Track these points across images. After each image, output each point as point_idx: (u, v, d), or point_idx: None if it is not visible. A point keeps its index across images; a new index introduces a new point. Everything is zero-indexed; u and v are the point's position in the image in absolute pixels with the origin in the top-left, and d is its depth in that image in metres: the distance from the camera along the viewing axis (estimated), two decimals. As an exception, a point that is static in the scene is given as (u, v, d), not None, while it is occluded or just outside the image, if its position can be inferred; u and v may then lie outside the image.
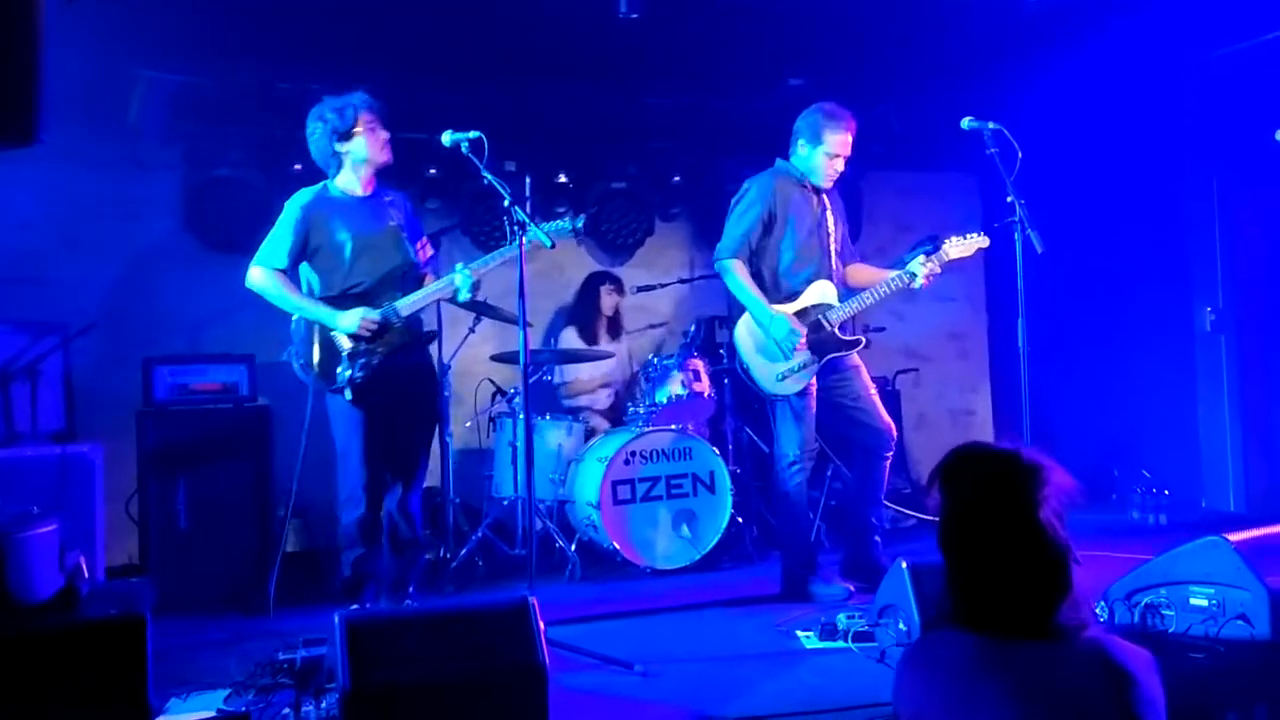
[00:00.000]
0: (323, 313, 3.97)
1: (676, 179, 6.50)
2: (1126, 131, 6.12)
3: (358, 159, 4.08)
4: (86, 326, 4.82)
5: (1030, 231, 3.93)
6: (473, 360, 5.67)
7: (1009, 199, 3.99)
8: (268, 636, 3.84)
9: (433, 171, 5.90)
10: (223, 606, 4.40)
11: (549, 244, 3.77)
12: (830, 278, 4.39)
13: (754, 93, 5.87)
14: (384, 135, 4.09)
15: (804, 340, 4.24)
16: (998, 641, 1.76)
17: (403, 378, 4.06)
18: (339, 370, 3.94)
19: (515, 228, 3.72)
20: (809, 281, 4.35)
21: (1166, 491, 5.71)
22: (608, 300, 6.11)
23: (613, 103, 5.98)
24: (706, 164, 6.42)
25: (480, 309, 4.76)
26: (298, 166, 5.64)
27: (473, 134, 3.72)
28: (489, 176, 3.66)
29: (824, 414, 4.38)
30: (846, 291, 4.42)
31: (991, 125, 4.02)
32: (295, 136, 5.46)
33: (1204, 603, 3.28)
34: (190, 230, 5.66)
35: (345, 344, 3.96)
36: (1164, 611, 3.33)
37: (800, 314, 4.31)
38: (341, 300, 4.01)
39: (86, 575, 2.59)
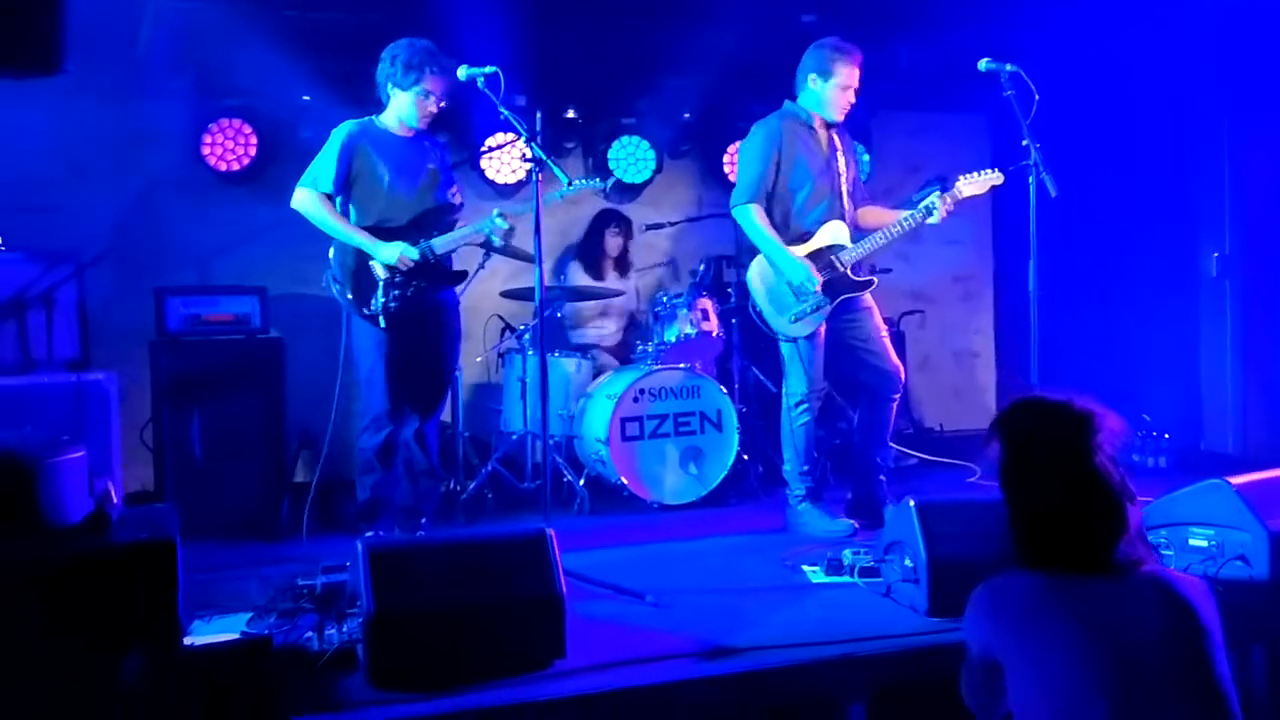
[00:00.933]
0: (365, 241, 4.06)
1: (686, 116, 6.46)
2: (1139, 72, 6.07)
3: (399, 111, 4.15)
4: (99, 255, 4.85)
5: (1045, 175, 3.93)
6: (482, 296, 5.68)
7: (1024, 142, 3.99)
8: (285, 563, 3.94)
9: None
10: (238, 534, 4.48)
11: (566, 182, 3.83)
12: (842, 218, 4.40)
13: (766, 29, 5.81)
14: (431, 109, 4.14)
15: (820, 287, 4.27)
16: (1062, 579, 1.88)
17: (431, 313, 4.19)
18: (374, 297, 4.05)
19: (534, 165, 3.72)
20: (821, 222, 4.36)
21: (1167, 435, 5.78)
22: (612, 242, 6.10)
23: (623, 38, 5.92)
24: (717, 102, 6.37)
25: (492, 246, 4.79)
26: (306, 97, 5.63)
27: (489, 69, 3.71)
28: (506, 113, 3.66)
29: (834, 354, 4.43)
30: (858, 232, 4.43)
31: (1009, 67, 4.00)
32: (302, 66, 5.47)
33: (1203, 544, 3.36)
34: (199, 160, 5.65)
35: (381, 274, 4.05)
36: (1164, 552, 3.41)
37: (814, 255, 4.33)
38: (378, 233, 4.09)
39: (116, 501, 2.65)
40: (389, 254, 4.04)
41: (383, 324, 4.06)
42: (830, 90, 4.35)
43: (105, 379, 4.46)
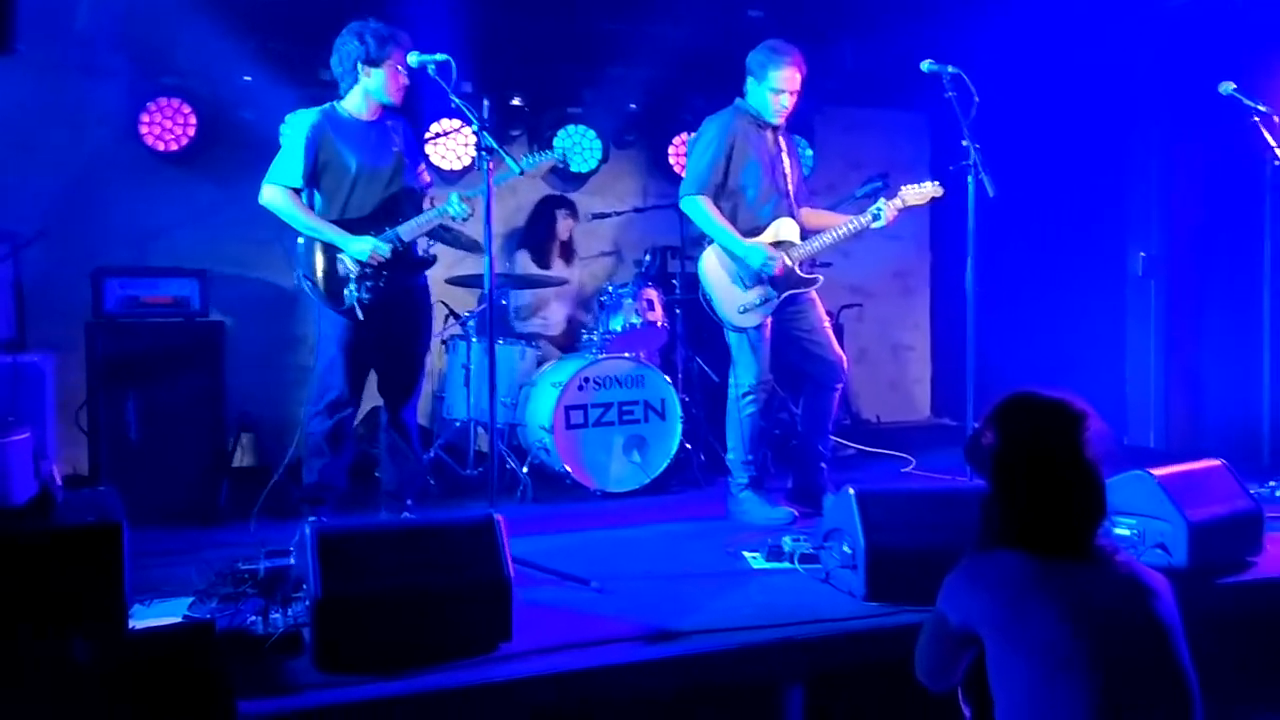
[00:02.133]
0: (335, 236, 4.02)
1: (633, 106, 6.50)
2: (1072, 78, 6.25)
3: (373, 90, 4.08)
4: (35, 235, 4.74)
5: (984, 175, 4.04)
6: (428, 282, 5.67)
7: (964, 143, 4.09)
8: (223, 548, 3.90)
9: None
10: (175, 518, 4.42)
11: (518, 170, 3.81)
12: (791, 216, 4.47)
13: (713, 23, 5.87)
14: (404, 81, 4.08)
15: (780, 266, 4.33)
16: (1044, 561, 2.03)
17: (402, 300, 4.15)
18: (347, 291, 4.01)
19: (483, 153, 3.72)
20: (771, 219, 4.42)
21: (1093, 428, 5.96)
22: (563, 225, 6.13)
23: (571, 27, 5.94)
24: (664, 93, 6.42)
25: (437, 234, 4.79)
26: (247, 78, 5.56)
27: (440, 56, 3.70)
28: (458, 101, 3.66)
29: (779, 345, 4.51)
30: (803, 232, 4.52)
31: (951, 69, 4.10)
32: (243, 46, 5.40)
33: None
34: (138, 140, 5.54)
35: (352, 267, 4.01)
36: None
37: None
38: (345, 223, 4.05)
39: (60, 483, 2.63)
40: (360, 249, 3.99)
41: (360, 317, 4.01)
42: (764, 94, 4.38)
43: (41, 360, 4.38)
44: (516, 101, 6.29)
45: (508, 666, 2.75)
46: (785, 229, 4.43)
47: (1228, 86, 4.56)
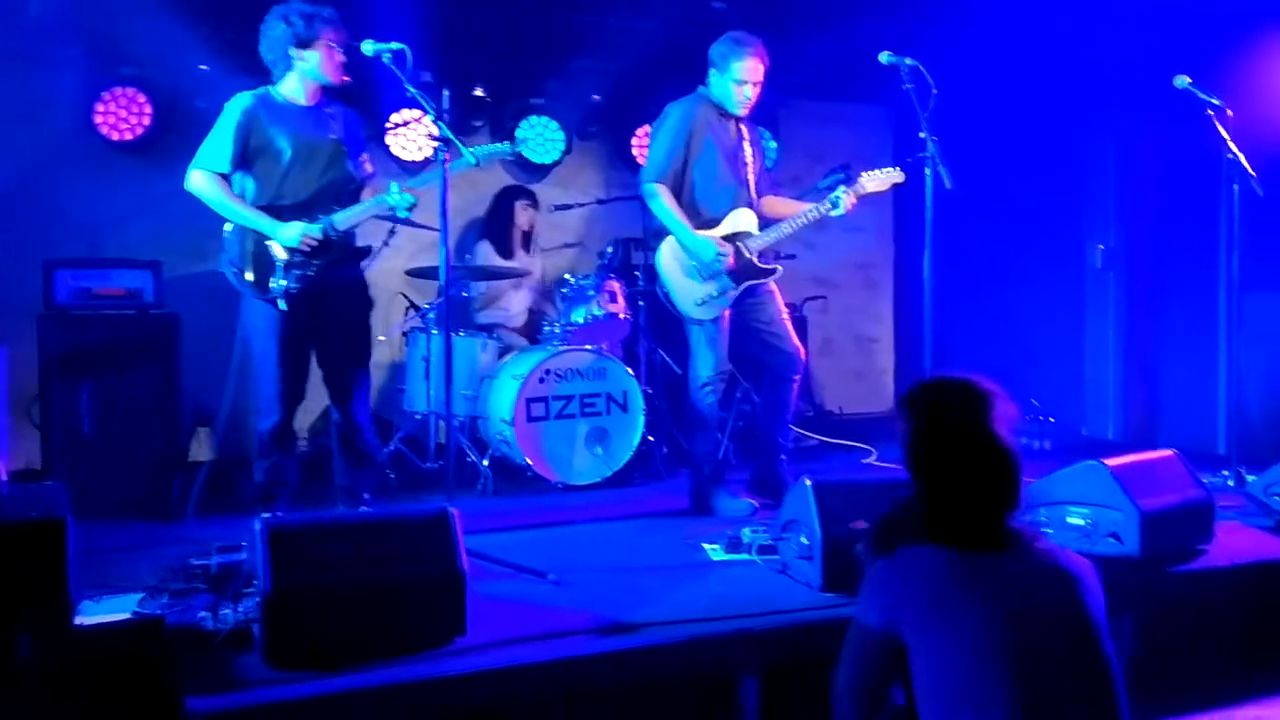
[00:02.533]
0: (264, 223, 3.89)
1: (596, 98, 6.48)
2: (1032, 72, 6.30)
3: (308, 72, 3.97)
4: (-15, 226, 4.66)
5: (941, 167, 4.05)
6: (387, 274, 5.64)
7: (922, 135, 4.10)
8: (176, 543, 3.86)
9: (347, 79, 5.75)
10: (129, 513, 4.37)
11: (473, 161, 3.75)
12: (750, 206, 4.47)
13: (677, 13, 5.86)
14: (340, 58, 3.98)
15: (731, 261, 4.33)
16: (967, 555, 1.96)
17: (337, 292, 4.03)
18: (273, 280, 3.88)
19: (440, 144, 3.68)
20: (729, 209, 4.42)
21: (1051, 419, 6.03)
22: (523, 216, 6.10)
23: (533, 17, 5.90)
24: (627, 84, 6.40)
25: (396, 218, 4.73)
26: (203, 67, 5.48)
27: (395, 45, 3.65)
28: (413, 91, 3.61)
29: (737, 336, 4.50)
30: (762, 221, 4.51)
31: (909, 61, 4.10)
32: (199, 34, 5.31)
33: (1080, 522, 3.53)
34: (92, 130, 5.45)
35: (281, 254, 3.89)
36: (1044, 530, 3.57)
37: (722, 241, 4.39)
38: (277, 210, 3.93)
39: (5, 477, 2.58)
40: (290, 234, 3.87)
41: (283, 306, 3.88)
42: (726, 84, 4.37)
43: (-10, 353, 4.31)
44: (479, 92, 6.24)
45: (462, 660, 2.73)
46: (743, 219, 4.43)
47: (1182, 80, 4.60)
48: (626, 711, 2.88)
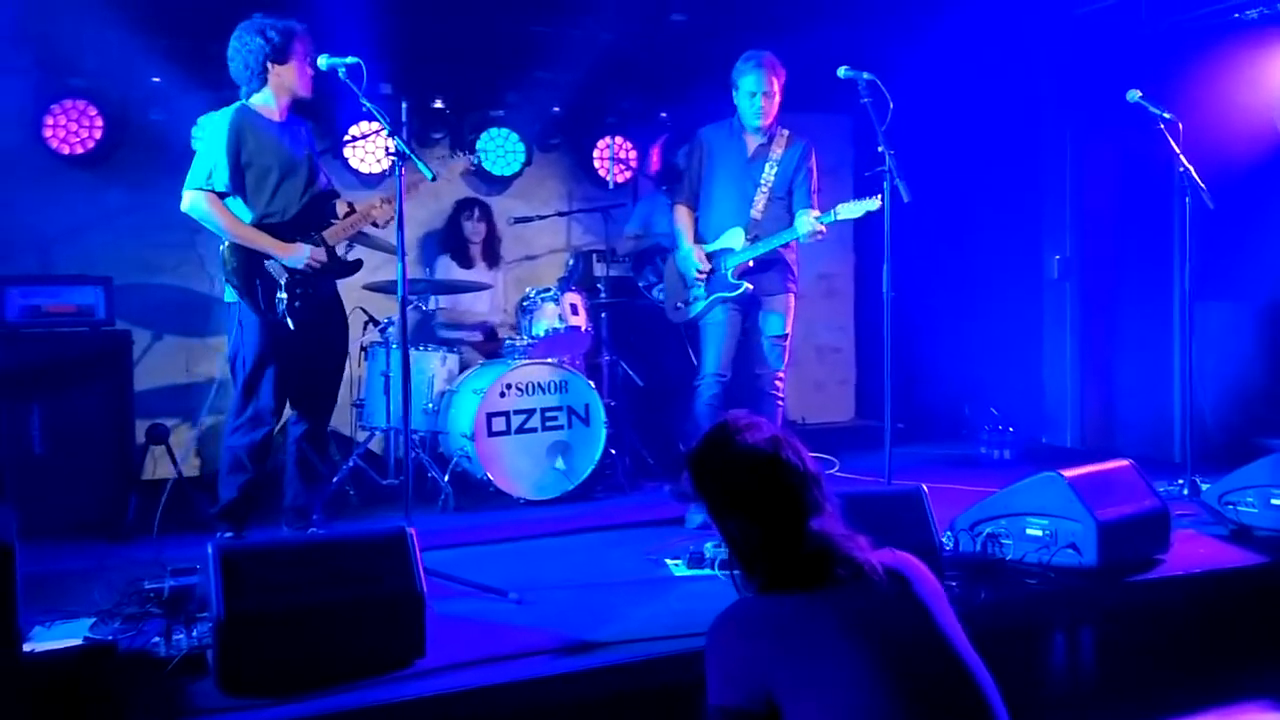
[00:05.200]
0: (268, 244, 3.86)
1: (556, 109, 6.46)
2: (990, 86, 6.37)
3: (284, 87, 3.94)
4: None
5: (899, 181, 4.08)
6: (346, 288, 5.54)
7: (880, 148, 4.13)
8: (131, 566, 3.77)
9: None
10: (83, 534, 4.30)
11: (431, 176, 3.72)
12: (747, 225, 4.60)
13: (636, 25, 5.86)
14: (311, 72, 3.94)
15: (703, 272, 4.63)
16: (812, 594, 1.82)
17: (328, 308, 4.05)
18: (277, 299, 3.85)
19: (396, 158, 3.65)
20: (722, 228, 4.66)
21: (1011, 428, 6.08)
22: (470, 228, 6.04)
23: (493, 29, 5.88)
24: (587, 96, 6.39)
25: (356, 238, 4.69)
26: (156, 79, 5.41)
27: (350, 59, 3.62)
28: (368, 105, 3.59)
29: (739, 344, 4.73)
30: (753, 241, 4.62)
31: (866, 75, 4.14)
32: (153, 45, 5.24)
33: (1039, 533, 3.56)
34: (41, 143, 5.35)
35: (281, 274, 3.86)
36: (1003, 540, 3.60)
37: (710, 255, 4.68)
38: (270, 228, 3.89)
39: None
40: (296, 255, 3.87)
41: (291, 326, 3.86)
42: (743, 100, 4.59)
43: (-64, 372, 4.21)
44: (438, 104, 6.21)
45: (421, 684, 2.70)
46: (732, 238, 4.64)
47: (1134, 94, 4.66)
48: (589, 731, 2.86)
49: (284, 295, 3.86)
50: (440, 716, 2.65)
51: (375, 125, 5.85)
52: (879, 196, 4.44)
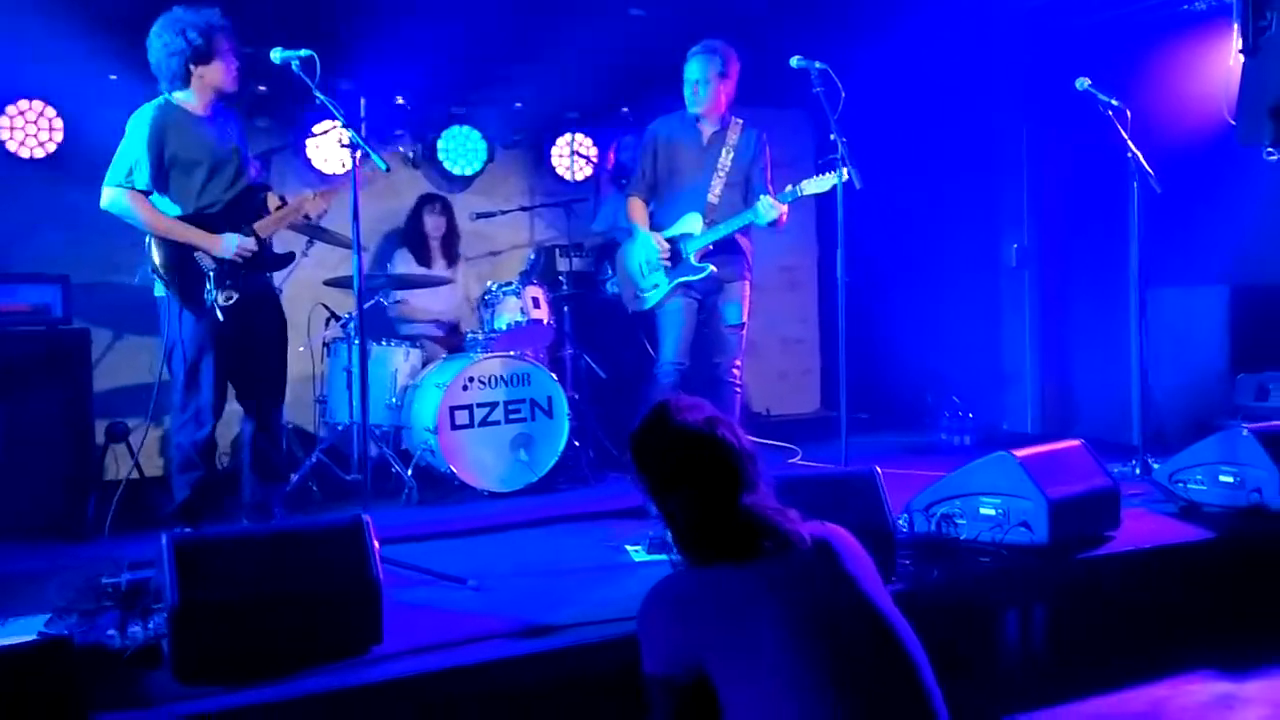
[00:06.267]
0: (195, 238, 3.85)
1: (518, 105, 6.47)
2: (948, 78, 6.44)
3: (210, 84, 3.92)
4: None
5: (850, 169, 4.14)
6: (305, 285, 5.55)
7: (832, 137, 4.18)
8: (90, 564, 3.75)
9: (262, 89, 5.68)
10: (40, 534, 4.27)
11: (385, 168, 3.73)
12: (704, 210, 4.67)
13: (595, 21, 5.88)
14: (235, 64, 3.94)
15: (664, 256, 4.70)
16: (740, 566, 1.87)
17: (259, 301, 4.02)
18: (206, 291, 3.84)
19: (352, 151, 3.65)
20: (681, 213, 4.72)
21: (971, 414, 6.16)
22: (429, 221, 6.04)
23: (453, 25, 5.88)
24: (548, 92, 6.40)
25: (313, 233, 4.69)
26: (113, 76, 5.37)
27: (304, 52, 3.61)
28: (322, 98, 3.59)
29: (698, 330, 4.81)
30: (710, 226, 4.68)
31: (818, 65, 4.19)
32: (108, 45, 5.19)
33: (992, 512, 3.61)
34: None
35: (209, 265, 3.85)
36: (957, 520, 3.65)
37: (669, 241, 4.75)
38: (198, 221, 3.88)
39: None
40: (224, 247, 3.86)
41: (221, 318, 3.84)
42: (685, 87, 4.70)
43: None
44: (400, 100, 6.20)
45: (378, 669, 2.71)
46: (690, 223, 4.70)
47: (1083, 82, 4.73)
48: (547, 713, 2.88)
49: (212, 287, 3.84)
50: (399, 701, 2.66)
51: (336, 123, 5.83)
52: (844, 170, 4.50)
